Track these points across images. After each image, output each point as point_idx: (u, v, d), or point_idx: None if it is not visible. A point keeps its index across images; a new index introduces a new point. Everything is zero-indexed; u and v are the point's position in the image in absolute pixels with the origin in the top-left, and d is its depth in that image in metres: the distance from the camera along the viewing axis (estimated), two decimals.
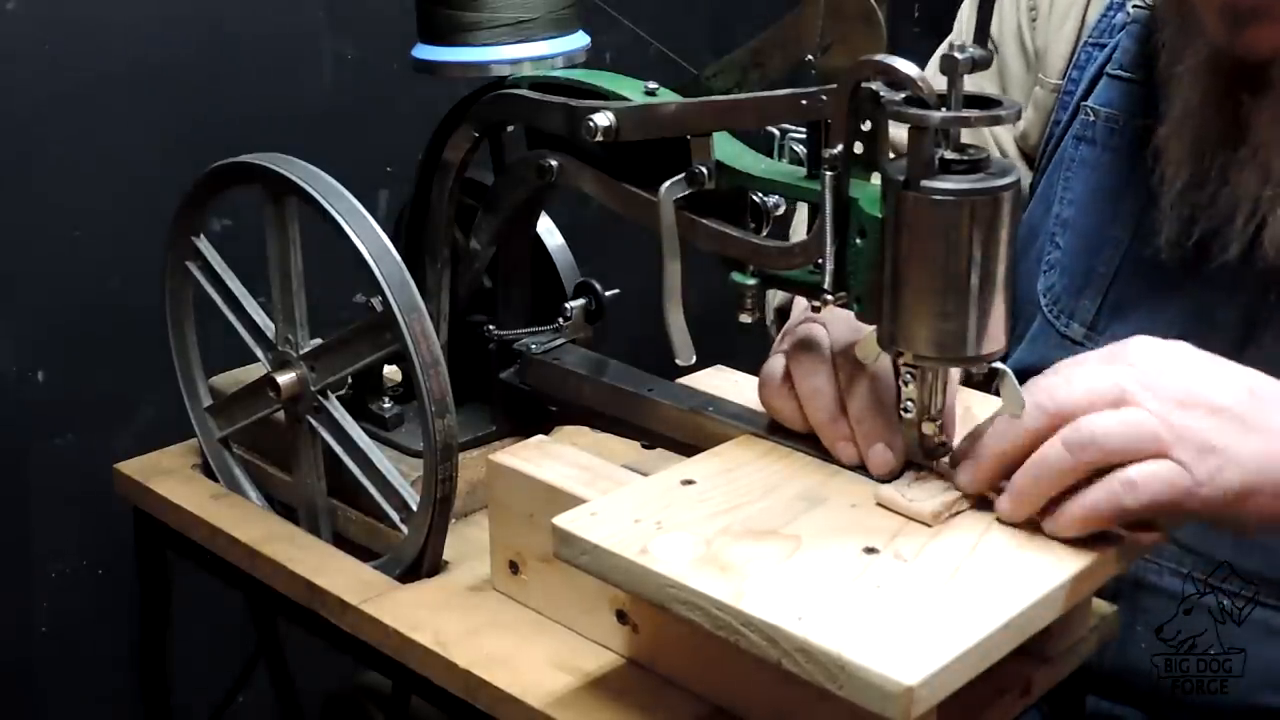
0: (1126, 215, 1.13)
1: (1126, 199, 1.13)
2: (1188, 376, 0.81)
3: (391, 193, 1.77)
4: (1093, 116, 1.16)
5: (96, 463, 1.32)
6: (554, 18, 1.07)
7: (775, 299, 1.23)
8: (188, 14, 1.62)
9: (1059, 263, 1.17)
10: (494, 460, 0.99)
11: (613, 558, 0.83)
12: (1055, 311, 1.17)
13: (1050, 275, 1.18)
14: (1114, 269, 1.13)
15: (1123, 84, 1.15)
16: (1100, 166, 1.16)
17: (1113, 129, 1.15)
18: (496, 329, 1.15)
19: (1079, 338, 1.14)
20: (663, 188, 0.94)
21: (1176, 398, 0.80)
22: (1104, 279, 1.14)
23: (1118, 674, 1.08)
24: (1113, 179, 1.15)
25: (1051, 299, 1.17)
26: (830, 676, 0.73)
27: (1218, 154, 1.03)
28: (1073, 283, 1.16)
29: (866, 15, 0.85)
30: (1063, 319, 1.16)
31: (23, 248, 1.55)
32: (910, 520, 0.85)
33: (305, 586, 1.05)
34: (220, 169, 1.11)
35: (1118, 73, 1.15)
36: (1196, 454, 0.79)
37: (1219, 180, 1.03)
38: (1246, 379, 0.83)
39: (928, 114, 0.79)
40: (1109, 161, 1.15)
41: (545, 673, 0.93)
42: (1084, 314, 1.15)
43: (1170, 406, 0.80)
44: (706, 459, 0.95)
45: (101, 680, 1.68)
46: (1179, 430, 0.79)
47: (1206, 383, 0.81)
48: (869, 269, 0.84)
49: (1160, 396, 0.80)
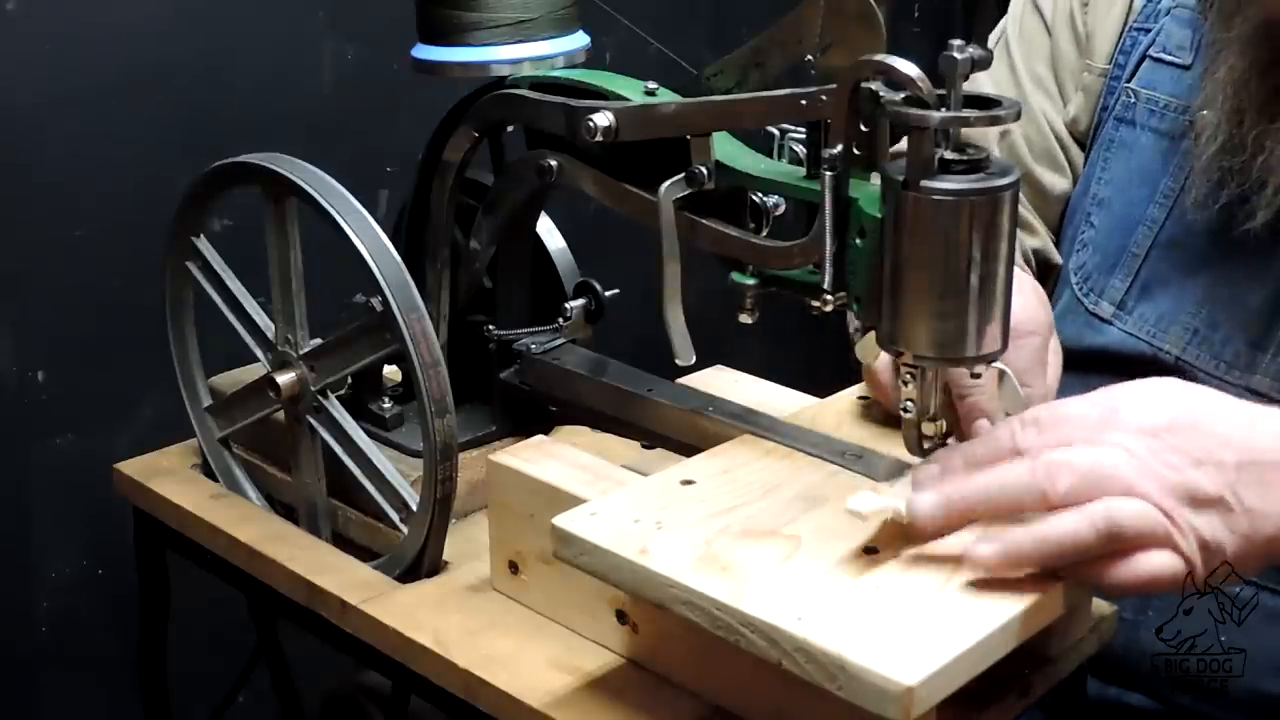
0: (1161, 196, 1.14)
1: (1163, 179, 1.14)
2: (1186, 464, 0.79)
3: (391, 193, 1.77)
4: (1133, 98, 1.18)
5: (96, 463, 1.32)
6: (554, 18, 1.07)
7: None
8: (188, 14, 1.62)
9: (1092, 241, 1.19)
10: (494, 460, 0.99)
11: (612, 558, 0.83)
12: (1085, 289, 1.18)
13: (1083, 253, 1.19)
14: (1146, 249, 1.15)
15: (1165, 67, 1.16)
16: (1138, 148, 1.17)
17: (1152, 110, 1.16)
18: (496, 329, 1.15)
19: (1108, 316, 1.16)
20: (662, 188, 0.94)
21: (1182, 491, 0.79)
22: (1136, 258, 1.15)
23: (1122, 659, 1.08)
24: (1149, 160, 1.16)
25: (1082, 277, 1.18)
26: (830, 677, 0.73)
27: (1256, 123, 1.04)
28: (1104, 261, 1.17)
29: (866, 15, 0.85)
30: (1092, 297, 1.17)
31: (23, 248, 1.55)
32: None
33: (305, 586, 1.05)
34: (220, 169, 1.11)
35: (1160, 55, 1.17)
36: (1200, 552, 0.79)
37: (1254, 148, 1.04)
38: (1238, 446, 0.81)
39: (927, 114, 0.79)
40: (1147, 142, 1.16)
41: (545, 673, 0.93)
42: (1114, 293, 1.16)
43: (1178, 505, 0.79)
44: (706, 459, 0.95)
45: (101, 680, 1.68)
46: (1186, 531, 0.79)
47: (1203, 470, 0.79)
48: (868, 269, 0.84)
49: (1169, 493, 0.79)
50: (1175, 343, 1.11)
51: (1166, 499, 0.78)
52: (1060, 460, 0.79)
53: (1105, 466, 0.79)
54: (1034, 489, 0.79)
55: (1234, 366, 1.08)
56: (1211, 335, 1.10)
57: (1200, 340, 1.10)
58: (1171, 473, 0.79)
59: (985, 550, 0.79)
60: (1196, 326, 1.11)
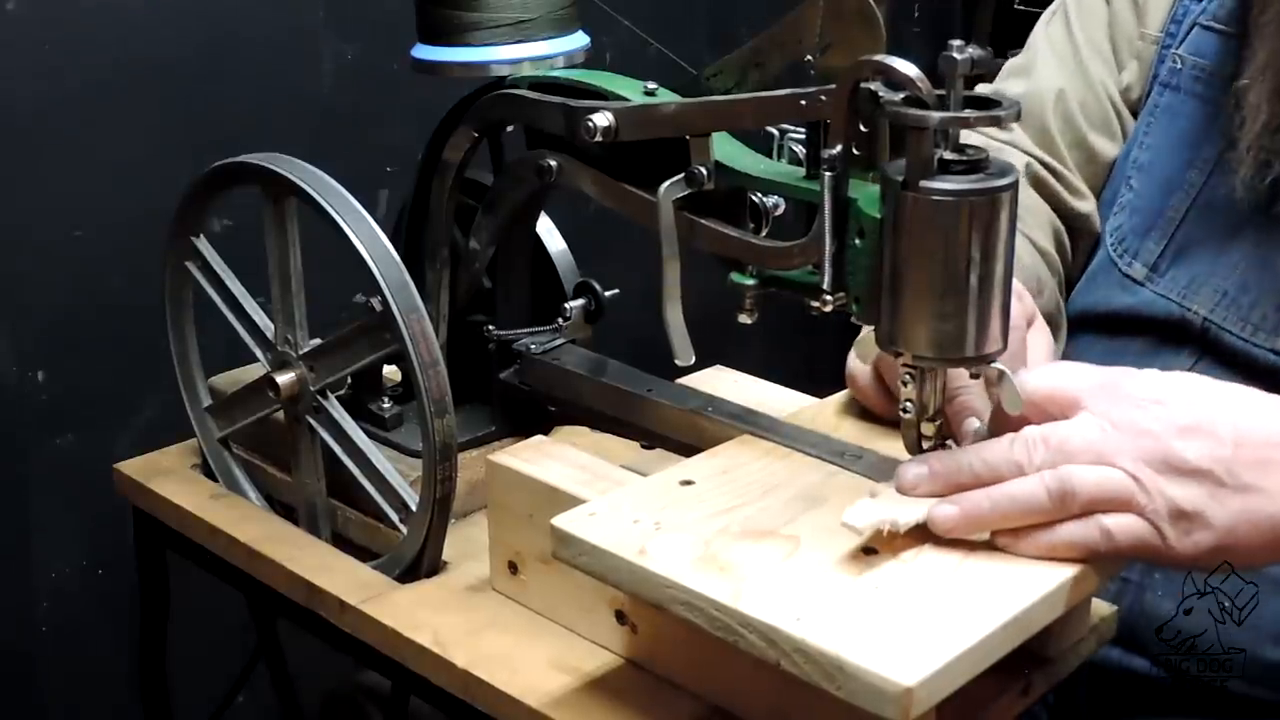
0: (1202, 161, 1.15)
1: (1204, 145, 1.15)
2: (1166, 436, 0.81)
3: (391, 193, 1.77)
4: (1180, 64, 1.18)
5: (96, 463, 1.32)
6: (554, 18, 1.07)
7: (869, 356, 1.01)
8: (188, 14, 1.62)
9: (1130, 204, 1.19)
10: (494, 460, 0.99)
11: (611, 558, 0.83)
12: (1119, 250, 1.18)
13: (1120, 215, 1.20)
14: (1183, 212, 1.15)
15: (1213, 35, 1.17)
16: (1181, 113, 1.18)
17: (1197, 76, 1.17)
18: (496, 329, 1.15)
19: (1140, 278, 1.16)
20: (662, 188, 0.94)
21: (1155, 462, 0.80)
22: (1171, 221, 1.15)
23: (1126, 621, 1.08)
24: (1192, 125, 1.16)
25: (1118, 238, 1.19)
26: (828, 677, 0.73)
27: None
28: (1142, 223, 1.18)
29: (866, 15, 0.85)
30: (1126, 258, 1.18)
31: (23, 248, 1.55)
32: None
33: (305, 586, 1.05)
34: (219, 169, 1.11)
35: (1209, 23, 1.17)
36: (1170, 519, 0.80)
37: None
38: (1237, 424, 0.82)
39: (927, 115, 0.79)
40: (1191, 108, 1.17)
41: (544, 673, 0.93)
42: (1148, 255, 1.16)
43: (1148, 472, 0.80)
44: (705, 459, 0.95)
45: (101, 680, 1.68)
46: (1154, 496, 0.80)
47: (1190, 440, 0.81)
48: (868, 269, 0.84)
49: (1138, 459, 0.80)
50: (1204, 304, 1.12)
51: (1138, 465, 0.80)
52: (1036, 434, 0.82)
53: (1074, 438, 0.81)
54: (1012, 462, 0.82)
55: (1260, 329, 1.08)
56: (1241, 298, 1.10)
57: (1229, 302, 1.10)
58: (1150, 440, 0.80)
59: (944, 512, 0.82)
60: (1226, 289, 1.11)
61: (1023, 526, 0.81)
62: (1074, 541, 0.81)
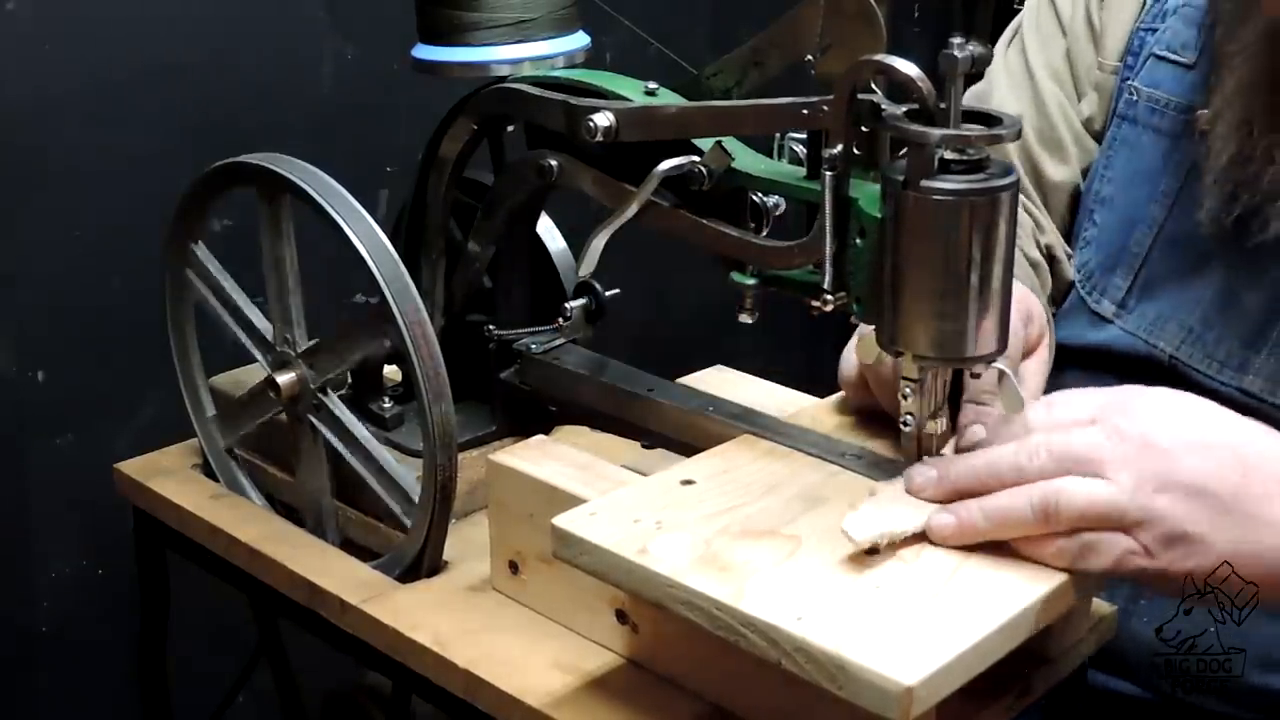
0: (1162, 195, 1.14)
1: (1164, 178, 1.14)
2: (1175, 452, 0.79)
3: (391, 193, 1.77)
4: (1136, 96, 1.18)
5: (96, 463, 1.32)
6: (554, 18, 1.07)
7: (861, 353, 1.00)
8: (188, 14, 1.62)
9: (1095, 239, 1.19)
10: (494, 460, 0.99)
11: (612, 558, 0.83)
12: (1088, 288, 1.18)
13: (1086, 251, 1.19)
14: (1146, 248, 1.14)
15: (1169, 65, 1.16)
16: (1140, 146, 1.17)
17: (1153, 109, 1.16)
18: (496, 329, 1.15)
19: (1109, 315, 1.16)
20: (661, 165, 0.94)
21: (1156, 478, 0.79)
22: (1136, 257, 1.15)
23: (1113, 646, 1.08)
24: (1151, 158, 1.16)
25: (1085, 275, 1.19)
26: (829, 677, 0.73)
27: (1265, 133, 1.03)
28: (1106, 259, 1.17)
29: (866, 15, 0.85)
30: (1094, 295, 1.17)
31: (23, 248, 1.55)
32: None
33: (306, 586, 1.05)
34: (215, 171, 1.11)
35: (1164, 54, 1.17)
36: (1161, 541, 0.79)
37: (1264, 159, 1.03)
38: (1243, 450, 0.81)
39: (928, 130, 0.79)
40: (1149, 141, 1.16)
41: (545, 673, 0.93)
42: (1115, 291, 1.16)
43: (1146, 490, 0.79)
44: (706, 459, 0.95)
45: (101, 680, 1.68)
46: (1148, 515, 0.79)
47: (1193, 461, 0.79)
48: (869, 269, 0.84)
49: (1138, 475, 0.79)
50: (1170, 341, 1.11)
51: (1138, 482, 0.79)
52: (1040, 442, 0.81)
53: (1077, 448, 0.80)
54: (1015, 466, 0.81)
55: (1226, 366, 1.08)
56: (1205, 334, 1.09)
57: (1194, 339, 1.10)
58: (1156, 454, 0.79)
59: (941, 521, 0.82)
60: (1191, 325, 1.10)
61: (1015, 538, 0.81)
62: (1055, 555, 0.80)
